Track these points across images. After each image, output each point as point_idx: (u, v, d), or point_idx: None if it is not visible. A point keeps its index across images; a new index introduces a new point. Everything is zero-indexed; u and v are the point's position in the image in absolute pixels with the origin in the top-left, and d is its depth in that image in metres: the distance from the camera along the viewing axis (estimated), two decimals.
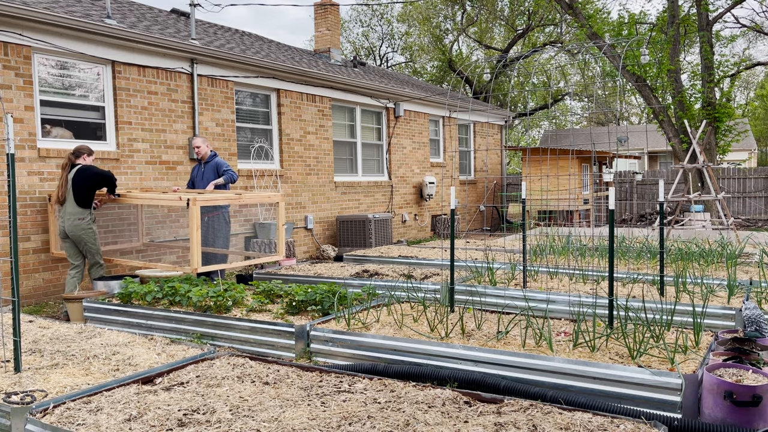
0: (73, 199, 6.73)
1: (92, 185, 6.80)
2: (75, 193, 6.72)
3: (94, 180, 6.81)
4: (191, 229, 6.60)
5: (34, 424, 3.30)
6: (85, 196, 6.74)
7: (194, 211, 6.57)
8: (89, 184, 6.77)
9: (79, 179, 6.75)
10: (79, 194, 6.71)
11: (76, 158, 6.93)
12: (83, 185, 6.74)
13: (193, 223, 6.56)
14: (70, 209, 6.74)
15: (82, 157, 6.95)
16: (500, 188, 18.71)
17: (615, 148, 22.25)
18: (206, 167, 8.23)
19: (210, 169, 8.19)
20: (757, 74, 43.20)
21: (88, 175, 6.79)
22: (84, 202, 6.74)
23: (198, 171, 8.36)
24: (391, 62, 36.47)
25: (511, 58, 26.04)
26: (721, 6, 18.08)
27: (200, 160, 8.31)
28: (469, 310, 5.51)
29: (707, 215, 13.92)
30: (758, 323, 4.20)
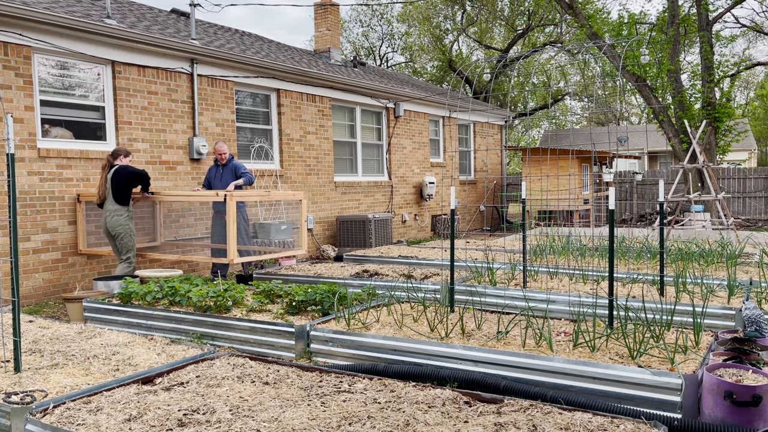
0: (112, 197, 7.24)
1: (128, 183, 7.30)
2: (113, 191, 7.23)
3: (130, 178, 7.32)
4: (228, 224, 7.06)
5: (34, 424, 3.30)
6: (123, 193, 7.25)
7: (231, 206, 7.03)
8: (126, 183, 7.27)
9: (116, 178, 7.26)
10: (117, 192, 7.22)
11: (114, 159, 7.42)
12: (121, 184, 7.25)
13: (230, 217, 7.01)
14: (110, 206, 7.26)
15: (119, 158, 7.44)
16: (500, 188, 18.71)
17: (615, 148, 22.26)
18: (224, 170, 8.62)
19: (228, 171, 8.59)
20: (757, 74, 43.20)
21: (125, 174, 7.29)
22: (122, 199, 7.25)
23: (216, 172, 8.72)
24: (391, 62, 36.48)
25: (511, 58, 26.04)
26: (721, 6, 18.09)
27: (217, 161, 8.69)
28: (469, 310, 5.51)
29: (707, 215, 13.92)
30: (758, 323, 4.20)
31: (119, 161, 7.40)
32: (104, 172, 7.35)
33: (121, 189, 7.25)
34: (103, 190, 7.28)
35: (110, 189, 7.23)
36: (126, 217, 7.27)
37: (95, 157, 8.31)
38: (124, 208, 7.27)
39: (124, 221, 7.23)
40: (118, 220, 7.21)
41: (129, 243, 7.31)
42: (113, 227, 7.24)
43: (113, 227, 7.24)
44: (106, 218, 7.29)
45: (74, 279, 8.08)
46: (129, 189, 7.31)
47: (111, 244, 7.51)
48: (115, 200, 7.23)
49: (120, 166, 7.34)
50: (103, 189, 7.28)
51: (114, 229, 7.25)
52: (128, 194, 7.30)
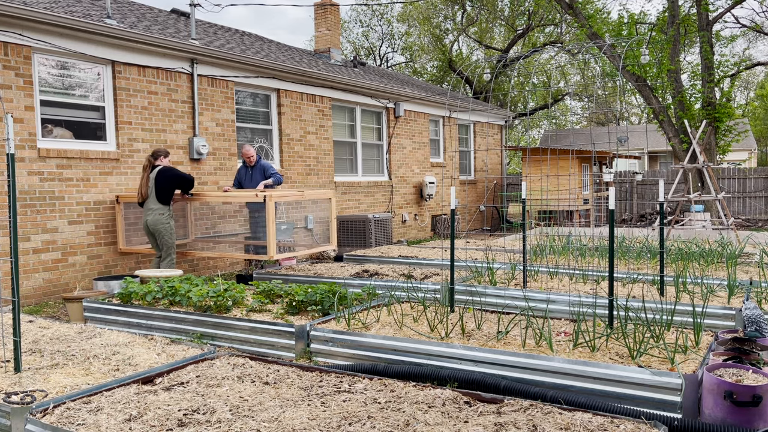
0: (155, 196, 7.46)
1: (172, 185, 7.56)
2: (157, 191, 7.47)
3: (175, 181, 7.58)
4: (267, 223, 7.33)
5: (34, 424, 3.30)
6: (165, 194, 7.49)
7: (270, 206, 7.31)
8: (170, 185, 7.52)
9: (161, 179, 7.49)
10: (160, 192, 7.47)
11: (155, 160, 7.64)
12: (164, 185, 7.50)
13: (270, 217, 7.31)
14: (152, 205, 7.49)
15: (160, 158, 7.66)
16: (500, 188, 18.71)
17: (615, 148, 22.25)
18: (254, 170, 9.03)
19: (258, 171, 8.98)
20: (757, 74, 43.20)
21: (170, 176, 7.54)
22: (164, 199, 7.49)
23: (246, 173, 9.16)
24: (391, 62, 36.48)
25: (511, 58, 26.04)
26: (721, 6, 18.09)
27: (245, 163, 9.10)
28: (469, 310, 5.51)
29: (707, 215, 13.92)
30: (758, 323, 4.20)
31: (160, 162, 7.61)
32: (146, 173, 7.56)
33: (165, 190, 7.48)
34: (145, 189, 7.51)
35: (153, 189, 7.45)
36: (167, 215, 7.50)
37: (95, 157, 8.31)
38: (166, 207, 7.50)
39: (165, 220, 7.45)
40: (160, 219, 7.43)
41: (170, 240, 7.52)
42: (154, 225, 7.45)
43: (154, 225, 7.45)
44: (147, 216, 7.52)
45: (74, 279, 8.08)
46: (172, 190, 7.55)
47: (150, 241, 7.72)
48: (158, 200, 7.45)
49: (164, 167, 7.56)
50: (145, 189, 7.51)
51: (155, 227, 7.46)
52: (171, 195, 7.54)
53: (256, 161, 9.05)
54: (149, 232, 7.63)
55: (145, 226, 7.59)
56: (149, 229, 7.56)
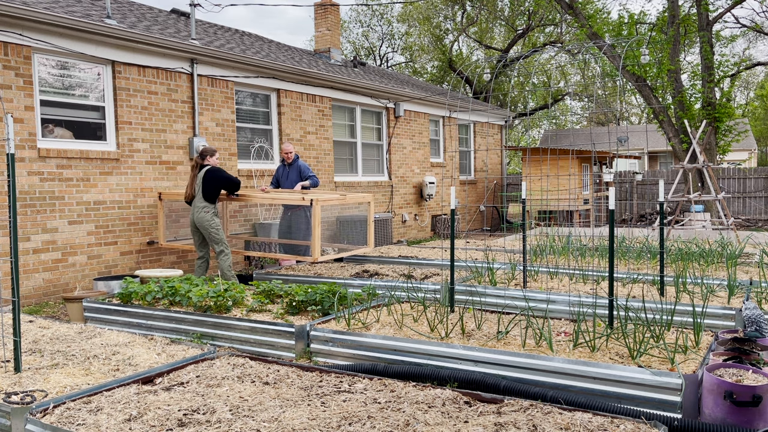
0: (202, 195, 7.59)
1: (218, 186, 7.67)
2: (204, 190, 7.59)
3: (222, 182, 7.69)
4: (313, 225, 7.44)
5: (34, 424, 3.30)
6: (212, 193, 7.61)
7: (317, 209, 7.39)
8: (216, 185, 7.64)
9: (209, 178, 7.60)
10: (207, 191, 7.60)
11: (202, 159, 7.75)
12: (212, 184, 7.60)
13: (316, 219, 7.40)
14: (198, 203, 7.61)
15: (207, 158, 7.75)
16: (500, 188, 18.71)
17: (615, 148, 22.24)
18: (290, 169, 9.08)
19: (294, 171, 9.05)
20: (757, 74, 43.20)
21: (218, 177, 7.66)
22: (210, 198, 7.62)
23: (283, 172, 9.22)
24: (391, 62, 36.47)
25: (511, 58, 26.03)
26: (721, 6, 18.09)
27: (284, 161, 9.16)
28: (469, 310, 5.51)
29: (707, 215, 13.92)
30: (758, 323, 4.20)
31: (208, 161, 7.71)
32: (194, 172, 7.69)
33: (211, 189, 7.59)
34: (192, 189, 7.65)
35: (200, 187, 7.58)
36: (212, 213, 7.61)
37: (95, 157, 8.31)
38: (212, 205, 7.61)
39: (210, 217, 7.56)
40: (205, 216, 7.54)
41: (217, 236, 7.60)
42: (200, 222, 7.56)
43: (200, 222, 7.56)
44: (194, 214, 7.64)
45: (74, 279, 8.08)
46: (218, 190, 7.67)
47: (194, 238, 7.84)
48: (204, 198, 7.58)
49: (213, 168, 7.66)
50: (191, 188, 7.65)
51: (201, 224, 7.57)
52: (216, 194, 7.66)
53: (294, 160, 9.07)
54: (195, 230, 7.75)
55: (192, 223, 7.72)
56: (195, 226, 7.68)
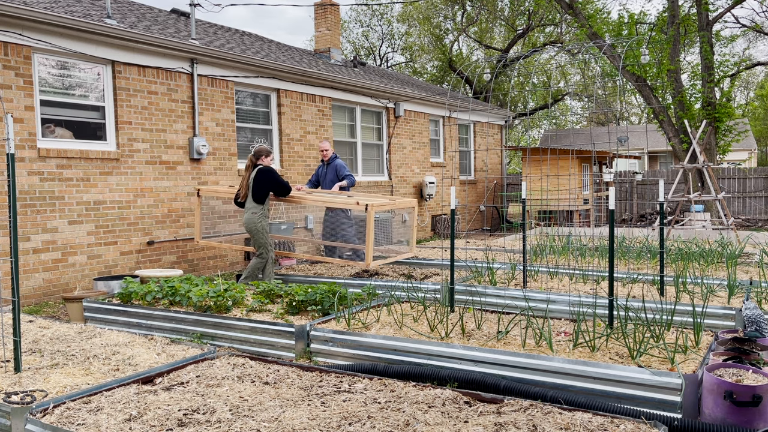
0: (251, 196, 7.47)
1: (268, 188, 7.53)
2: (253, 190, 7.47)
3: (271, 185, 7.54)
4: (368, 230, 7.25)
5: (34, 424, 3.30)
6: (261, 194, 7.46)
7: (371, 214, 7.22)
8: (266, 186, 7.50)
9: (260, 178, 7.47)
10: (257, 192, 7.45)
11: (256, 159, 7.61)
12: (262, 185, 7.47)
13: (370, 225, 7.21)
14: (248, 204, 7.52)
15: (261, 158, 7.61)
16: (500, 188, 18.71)
17: (615, 148, 22.24)
18: (328, 168, 9.02)
19: (331, 170, 8.98)
20: (757, 74, 43.20)
21: (269, 178, 7.51)
22: (259, 199, 7.46)
23: (322, 170, 9.16)
24: (391, 62, 36.47)
25: (511, 58, 26.03)
26: (721, 6, 18.10)
27: (323, 160, 9.07)
28: (469, 310, 5.51)
29: (707, 215, 13.92)
30: (758, 323, 4.20)
31: (261, 161, 7.59)
32: (248, 172, 7.55)
33: (261, 190, 7.46)
34: (245, 189, 7.53)
35: (251, 188, 7.46)
36: (260, 215, 7.46)
37: (95, 157, 8.31)
38: (260, 207, 7.48)
39: (257, 219, 7.44)
40: (252, 219, 7.43)
41: (260, 239, 7.44)
42: (248, 224, 7.46)
43: (248, 224, 7.46)
44: (245, 215, 7.55)
45: (74, 279, 8.08)
46: (268, 192, 7.54)
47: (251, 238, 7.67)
48: (254, 199, 7.46)
49: (265, 168, 7.52)
50: (245, 189, 7.53)
51: (248, 226, 7.47)
52: (266, 196, 7.53)
53: (331, 158, 8.97)
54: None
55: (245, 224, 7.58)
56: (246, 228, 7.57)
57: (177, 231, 9.35)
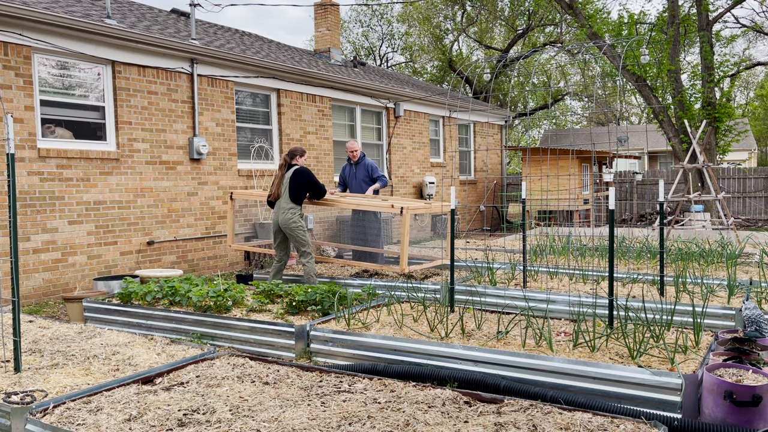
0: (288, 196, 7.26)
1: (305, 189, 7.36)
2: (290, 190, 7.26)
3: (308, 186, 7.36)
4: (402, 235, 7.02)
5: (34, 424, 3.30)
6: (299, 195, 7.30)
7: (407, 218, 6.97)
8: (303, 187, 7.32)
9: (297, 179, 7.28)
10: (294, 193, 7.26)
11: (291, 159, 7.44)
12: (299, 186, 7.27)
13: (405, 229, 7.00)
14: (284, 204, 7.27)
15: (296, 158, 7.45)
16: (500, 188, 18.71)
17: (615, 148, 22.25)
18: (357, 167, 8.75)
19: (362, 169, 8.72)
20: (757, 74, 43.20)
21: (306, 179, 7.33)
22: (297, 199, 7.30)
23: (350, 170, 8.87)
24: (391, 62, 36.47)
25: (511, 58, 26.03)
26: (721, 6, 18.10)
27: (350, 159, 8.83)
28: (469, 310, 5.50)
29: (707, 215, 13.92)
30: (758, 323, 4.20)
31: (296, 161, 7.44)
32: (282, 171, 7.37)
33: (299, 190, 7.29)
34: (278, 189, 7.34)
35: (287, 188, 7.27)
36: (298, 215, 7.29)
37: (95, 157, 8.31)
38: (298, 207, 7.31)
39: (296, 219, 7.24)
40: (292, 218, 7.21)
41: (303, 238, 7.26)
42: (286, 224, 7.22)
43: (286, 224, 7.22)
44: (278, 215, 7.31)
45: (74, 279, 8.08)
46: (305, 192, 7.39)
47: (275, 239, 7.43)
48: (291, 199, 7.26)
49: (301, 169, 7.35)
50: (278, 188, 7.34)
51: (287, 226, 7.22)
52: (303, 196, 7.38)
53: (360, 158, 8.73)
54: (278, 231, 7.38)
55: (276, 224, 7.37)
56: (279, 227, 7.32)
57: (177, 231, 9.35)
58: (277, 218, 7.30)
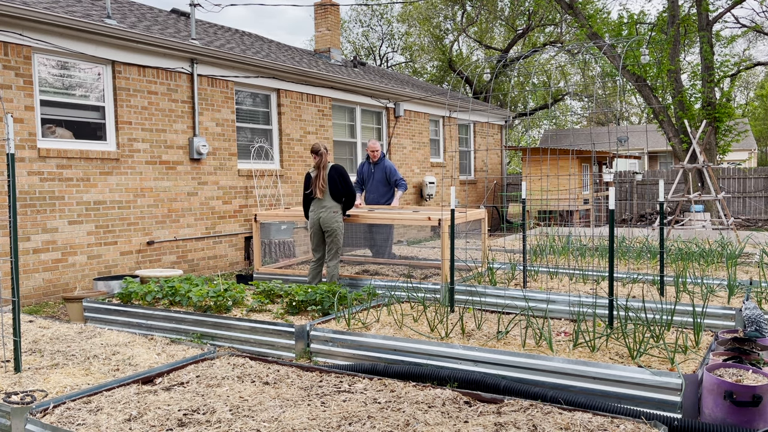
0: (330, 194, 6.96)
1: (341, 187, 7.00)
2: (331, 189, 6.96)
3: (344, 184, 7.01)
4: (443, 248, 6.74)
5: (34, 424, 3.30)
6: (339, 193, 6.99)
7: (445, 231, 6.68)
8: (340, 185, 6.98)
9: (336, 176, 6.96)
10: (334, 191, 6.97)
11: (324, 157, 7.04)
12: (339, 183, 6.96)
13: (444, 242, 6.68)
14: (327, 203, 6.97)
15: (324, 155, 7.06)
16: (500, 188, 18.71)
17: (615, 148, 22.24)
18: (376, 168, 8.64)
19: (380, 170, 8.61)
20: (757, 74, 43.20)
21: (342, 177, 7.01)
22: (338, 198, 7.00)
23: (368, 169, 8.78)
24: (391, 62, 36.47)
25: (511, 58, 26.03)
26: (721, 6, 18.09)
27: (368, 158, 8.74)
28: (469, 310, 5.51)
29: (707, 215, 13.92)
30: (758, 323, 4.20)
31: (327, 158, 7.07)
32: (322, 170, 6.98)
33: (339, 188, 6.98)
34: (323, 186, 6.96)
35: (329, 185, 6.94)
36: (340, 214, 7.02)
37: (95, 157, 8.31)
38: (339, 205, 7.01)
39: (339, 218, 6.99)
40: (335, 217, 6.92)
41: (341, 240, 7.02)
42: (329, 224, 6.91)
43: (329, 224, 6.91)
44: (320, 214, 6.94)
45: (74, 279, 8.08)
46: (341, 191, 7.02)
47: (312, 240, 7.12)
48: (332, 197, 6.96)
49: (338, 166, 7.05)
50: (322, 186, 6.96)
51: (329, 226, 6.91)
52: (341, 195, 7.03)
53: (380, 159, 8.62)
54: (317, 230, 7.02)
55: (317, 224, 7.00)
56: (320, 226, 6.97)
57: (177, 231, 9.35)
58: (319, 217, 6.96)
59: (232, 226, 10.24)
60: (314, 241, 7.11)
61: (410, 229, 14.74)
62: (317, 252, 7.13)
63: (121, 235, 8.65)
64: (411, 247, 10.97)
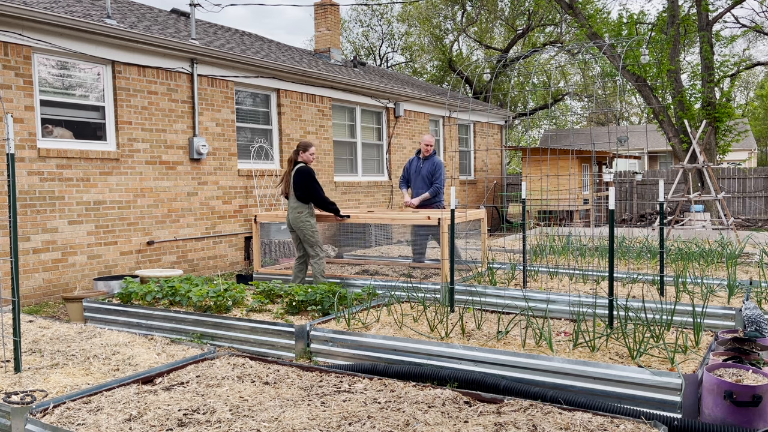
0: (294, 195, 7.03)
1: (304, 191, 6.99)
2: (295, 190, 7.02)
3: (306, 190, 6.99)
4: (442, 246, 6.77)
5: (34, 424, 3.30)
6: (301, 195, 6.99)
7: (445, 230, 6.71)
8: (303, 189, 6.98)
9: (297, 179, 7.00)
10: (297, 192, 7.01)
11: (296, 155, 7.14)
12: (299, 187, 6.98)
13: (444, 241, 6.68)
14: (292, 203, 7.07)
15: (300, 153, 7.11)
16: (500, 188, 18.71)
17: (615, 148, 22.24)
18: (425, 163, 8.41)
19: (428, 165, 8.39)
20: (757, 74, 43.20)
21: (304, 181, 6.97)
22: (303, 198, 7.01)
23: (416, 165, 8.52)
24: (391, 62, 36.46)
25: (511, 58, 26.03)
26: (721, 6, 18.09)
27: (419, 153, 8.49)
28: (469, 310, 5.51)
29: (707, 215, 13.92)
30: (758, 323, 4.20)
31: (300, 157, 7.11)
32: (289, 167, 7.10)
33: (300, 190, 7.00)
34: (287, 186, 7.12)
35: (292, 187, 7.03)
36: (307, 213, 7.04)
37: (95, 157, 8.31)
38: (306, 205, 7.04)
39: (305, 218, 7.01)
40: (300, 217, 7.01)
41: (312, 238, 7.03)
42: (295, 224, 7.04)
43: (295, 224, 7.04)
44: (289, 214, 7.11)
45: (74, 279, 8.08)
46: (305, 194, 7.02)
47: (292, 236, 7.27)
48: (297, 198, 7.02)
49: (303, 168, 7.03)
50: (287, 185, 7.12)
51: (296, 226, 7.04)
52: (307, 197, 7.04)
53: (432, 154, 8.37)
54: (291, 230, 7.19)
55: (288, 223, 7.17)
56: (291, 226, 7.13)
57: (177, 231, 9.35)
58: (288, 217, 7.14)
59: (232, 226, 10.24)
60: (293, 238, 7.27)
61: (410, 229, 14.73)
62: (299, 250, 7.25)
63: (121, 235, 8.65)
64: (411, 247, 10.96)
